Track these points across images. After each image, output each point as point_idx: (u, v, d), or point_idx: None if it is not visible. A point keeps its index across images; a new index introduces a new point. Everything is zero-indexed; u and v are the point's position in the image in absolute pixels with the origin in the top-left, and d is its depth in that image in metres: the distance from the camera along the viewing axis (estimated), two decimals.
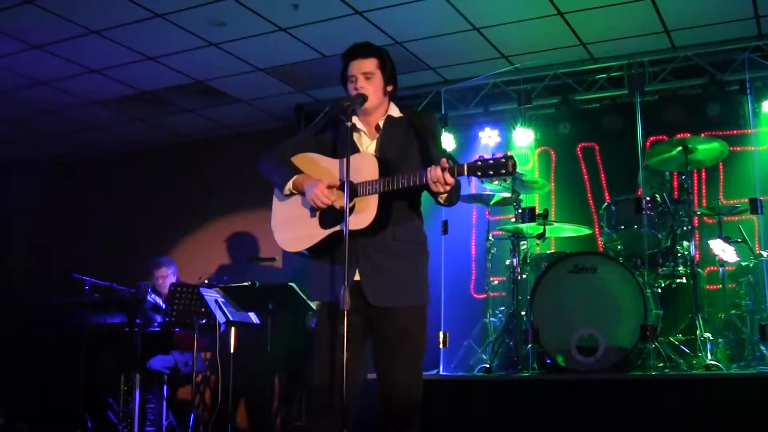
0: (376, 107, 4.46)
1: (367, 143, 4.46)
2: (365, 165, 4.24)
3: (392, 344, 4.25)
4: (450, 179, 3.97)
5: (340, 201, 4.23)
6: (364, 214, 4.17)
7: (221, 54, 8.54)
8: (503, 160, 3.92)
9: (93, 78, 9.11)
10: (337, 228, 4.21)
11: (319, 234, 4.32)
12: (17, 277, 12.10)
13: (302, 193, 4.41)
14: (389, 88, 4.51)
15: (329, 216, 4.28)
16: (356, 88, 4.39)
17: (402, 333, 4.25)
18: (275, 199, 4.59)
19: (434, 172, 3.97)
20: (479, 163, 3.96)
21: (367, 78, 4.41)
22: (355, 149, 4.39)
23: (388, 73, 4.48)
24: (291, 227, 4.46)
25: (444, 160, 3.98)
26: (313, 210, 4.37)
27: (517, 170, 4.03)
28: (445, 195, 4.11)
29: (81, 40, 8.11)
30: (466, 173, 3.98)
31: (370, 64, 4.43)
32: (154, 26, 7.85)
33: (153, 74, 9.04)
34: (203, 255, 10.69)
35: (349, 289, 4.02)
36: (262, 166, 4.62)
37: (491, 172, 3.94)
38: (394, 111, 4.53)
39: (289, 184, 4.43)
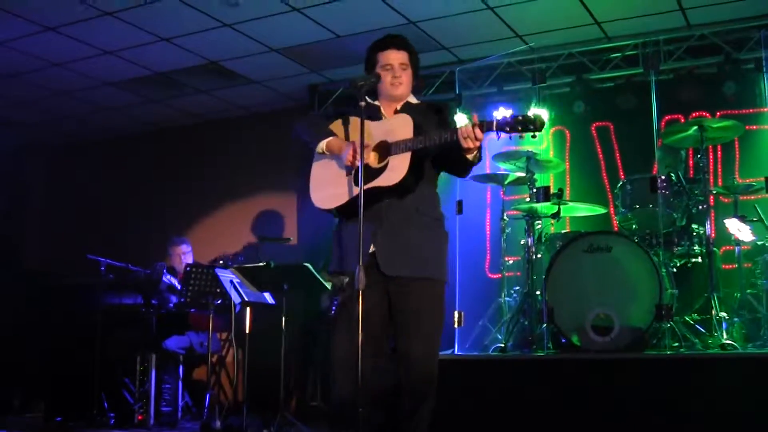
0: (405, 97, 4.64)
1: None
2: (401, 125, 4.37)
3: (408, 319, 4.33)
4: (480, 134, 4.13)
5: (374, 160, 4.37)
6: (395, 172, 4.28)
7: (235, 34, 8.53)
8: (532, 117, 4.08)
9: (107, 59, 9.13)
10: (370, 185, 4.28)
11: (353, 191, 4.40)
12: (33, 259, 12.16)
13: (335, 154, 4.54)
14: (414, 82, 4.70)
15: (363, 174, 4.34)
16: (394, 76, 4.55)
17: (418, 307, 4.32)
18: (314, 162, 4.70)
19: (465, 128, 4.12)
20: (508, 119, 4.11)
21: (404, 69, 4.59)
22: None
23: (415, 69, 4.68)
24: (326, 185, 4.57)
25: (475, 116, 4.15)
26: (348, 168, 4.46)
27: (542, 130, 4.14)
28: (475, 152, 4.24)
29: (95, 21, 8.12)
30: (495, 128, 4.12)
31: (405, 56, 4.61)
32: (168, 7, 7.85)
33: (167, 55, 9.05)
34: (218, 236, 10.71)
35: (365, 263, 4.07)
36: (297, 126, 4.76)
37: (520, 128, 4.10)
38: (413, 99, 4.71)
39: (323, 144, 4.55)
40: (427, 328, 4.32)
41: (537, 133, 4.15)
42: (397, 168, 4.27)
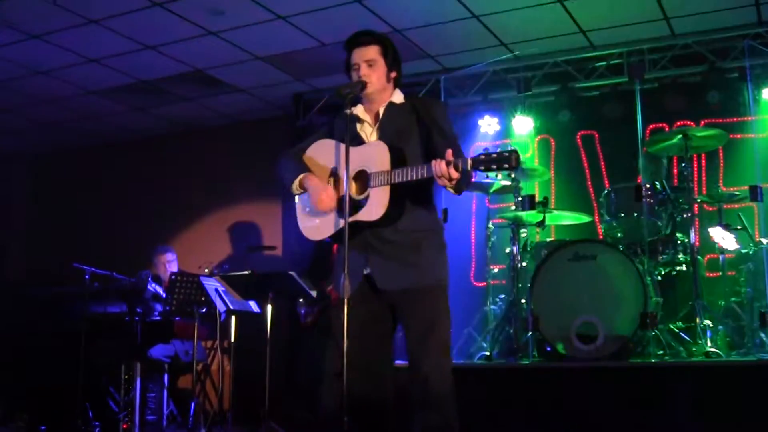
0: (379, 93, 4.45)
1: (369, 131, 4.46)
2: (378, 154, 4.24)
3: (409, 328, 4.27)
4: (454, 174, 3.94)
5: (355, 191, 4.27)
6: (376, 207, 4.19)
7: (220, 43, 8.53)
8: (506, 154, 3.90)
9: (91, 67, 9.10)
10: (353, 219, 4.19)
11: (338, 223, 4.33)
12: (17, 267, 12.11)
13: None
14: (392, 75, 4.50)
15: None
16: (359, 76, 4.38)
17: (415, 315, 4.25)
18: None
19: (439, 167, 3.95)
20: (483, 157, 3.95)
21: (370, 65, 4.40)
22: (358, 138, 4.42)
23: (390, 60, 4.48)
24: (312, 216, 4.49)
25: (449, 152, 3.94)
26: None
27: (521, 165, 4.00)
28: (452, 189, 4.07)
29: (79, 29, 8.10)
30: (469, 167, 3.95)
31: (371, 52, 4.42)
32: (153, 15, 7.84)
33: (152, 63, 9.03)
34: (203, 244, 10.69)
35: (357, 280, 4.05)
36: (277, 168, 4.66)
37: (494, 167, 3.94)
38: (397, 97, 4.52)
39: (296, 184, 4.47)
40: (426, 336, 4.20)
41: (513, 172, 4.04)
42: (378, 203, 4.19)
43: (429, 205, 4.45)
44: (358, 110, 4.50)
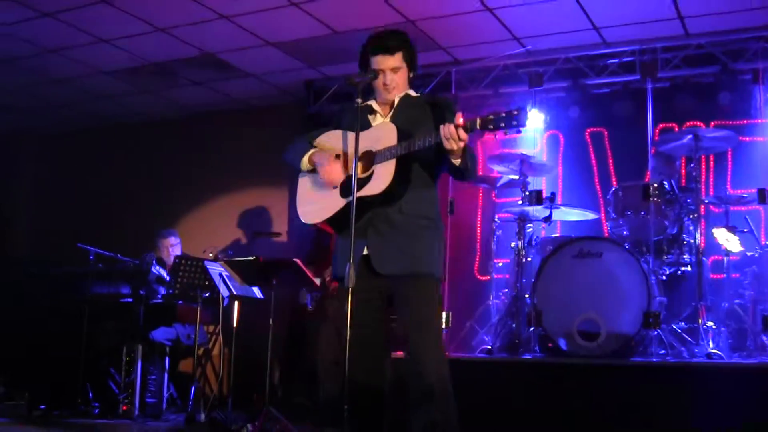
0: (399, 94, 4.53)
1: (381, 121, 4.50)
2: (385, 133, 4.29)
3: (404, 318, 4.29)
4: (463, 135, 3.97)
5: (359, 170, 4.25)
6: (380, 180, 4.21)
7: (232, 27, 8.51)
8: (515, 112, 3.93)
9: (102, 48, 9.09)
10: (357, 195, 4.16)
11: (339, 203, 4.35)
12: (20, 246, 12.11)
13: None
14: (410, 75, 4.58)
15: (349, 186, 4.25)
16: (385, 83, 4.43)
17: (410, 304, 4.27)
18: (299, 179, 4.65)
19: (447, 128, 3.98)
20: (491, 116, 3.97)
21: (395, 71, 4.46)
22: (368, 126, 4.45)
23: (411, 63, 4.55)
24: (312, 199, 4.52)
25: (458, 115, 3.99)
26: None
27: (526, 125, 4.01)
28: (459, 160, 4.11)
29: (91, 8, 8.09)
30: (479, 127, 3.98)
31: (397, 60, 4.47)
32: None
33: (163, 46, 9.02)
34: (209, 228, 10.68)
35: (356, 264, 4.04)
36: (286, 155, 4.72)
37: (503, 125, 3.95)
38: (412, 92, 4.62)
39: (305, 159, 4.52)
40: (420, 323, 4.24)
41: (522, 129, 4.05)
42: (383, 176, 4.21)
43: (433, 193, 4.49)
44: (371, 102, 4.57)
